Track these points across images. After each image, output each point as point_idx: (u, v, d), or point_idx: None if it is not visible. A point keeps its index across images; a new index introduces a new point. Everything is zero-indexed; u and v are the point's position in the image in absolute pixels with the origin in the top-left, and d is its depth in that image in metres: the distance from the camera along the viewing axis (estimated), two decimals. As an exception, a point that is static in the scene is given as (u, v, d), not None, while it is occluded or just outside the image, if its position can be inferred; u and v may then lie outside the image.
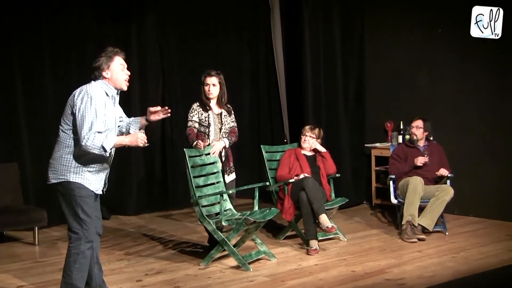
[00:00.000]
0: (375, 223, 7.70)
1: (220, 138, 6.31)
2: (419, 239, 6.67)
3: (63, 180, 4.57)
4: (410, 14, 8.38)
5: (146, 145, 4.61)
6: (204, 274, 5.71)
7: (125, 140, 4.59)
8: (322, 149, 6.97)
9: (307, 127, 7.06)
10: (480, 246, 6.47)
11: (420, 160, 7.04)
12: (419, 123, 7.23)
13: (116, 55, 4.66)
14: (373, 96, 8.83)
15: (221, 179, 6.28)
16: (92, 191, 4.62)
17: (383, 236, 7.02)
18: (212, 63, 7.24)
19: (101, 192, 4.74)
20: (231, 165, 6.44)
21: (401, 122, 8.42)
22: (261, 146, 7.17)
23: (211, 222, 5.88)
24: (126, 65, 4.72)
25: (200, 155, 6.14)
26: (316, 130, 7.03)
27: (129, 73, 4.72)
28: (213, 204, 6.12)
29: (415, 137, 7.24)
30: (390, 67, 8.66)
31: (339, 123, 8.60)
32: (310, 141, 6.95)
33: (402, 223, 6.79)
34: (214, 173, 6.24)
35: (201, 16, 8.85)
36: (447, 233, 6.97)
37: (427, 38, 8.20)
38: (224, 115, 6.38)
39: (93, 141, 4.42)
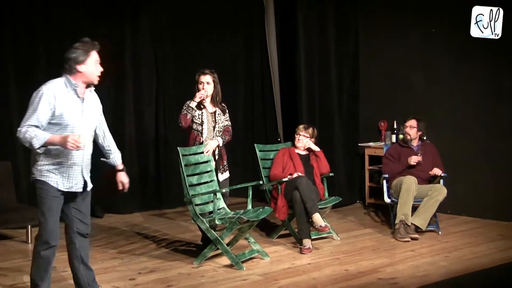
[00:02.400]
0: (368, 222, 7.71)
1: (213, 137, 6.30)
2: (412, 239, 6.68)
3: (33, 179, 4.56)
4: (406, 14, 8.38)
5: (79, 149, 4.38)
6: (197, 272, 5.70)
7: (56, 141, 4.36)
8: (316, 148, 6.97)
9: (301, 127, 7.06)
10: (472, 245, 6.49)
11: (413, 160, 7.06)
12: (412, 122, 7.24)
13: (93, 50, 4.56)
14: (367, 96, 8.84)
15: (215, 178, 6.27)
16: (58, 192, 4.51)
17: (376, 235, 7.03)
18: (207, 63, 7.23)
19: (79, 190, 4.59)
20: (225, 163, 6.43)
21: (395, 121, 8.43)
22: (255, 145, 7.17)
23: (205, 221, 5.88)
24: (99, 60, 4.60)
25: (193, 154, 6.13)
26: (310, 130, 7.02)
27: (101, 69, 4.61)
28: (207, 203, 6.12)
29: (408, 137, 7.25)
30: (385, 66, 8.66)
31: (333, 123, 8.60)
32: (304, 141, 6.95)
33: (395, 222, 6.81)
34: (207, 172, 6.24)
35: (196, 16, 8.83)
36: (440, 233, 6.98)
37: (422, 38, 8.20)
38: (218, 114, 6.37)
39: (24, 135, 4.34)
